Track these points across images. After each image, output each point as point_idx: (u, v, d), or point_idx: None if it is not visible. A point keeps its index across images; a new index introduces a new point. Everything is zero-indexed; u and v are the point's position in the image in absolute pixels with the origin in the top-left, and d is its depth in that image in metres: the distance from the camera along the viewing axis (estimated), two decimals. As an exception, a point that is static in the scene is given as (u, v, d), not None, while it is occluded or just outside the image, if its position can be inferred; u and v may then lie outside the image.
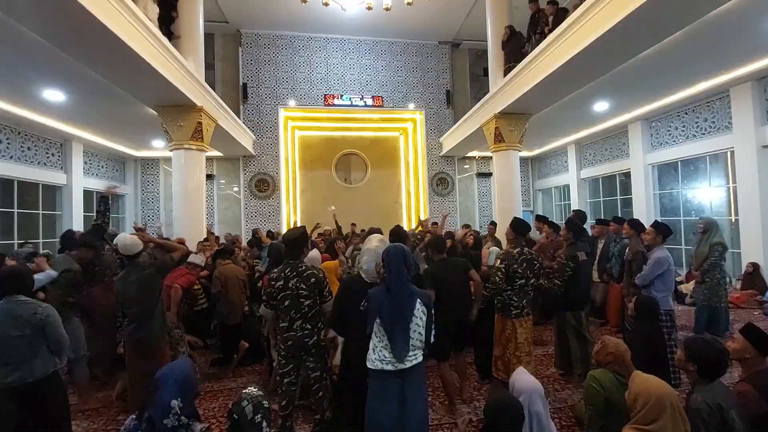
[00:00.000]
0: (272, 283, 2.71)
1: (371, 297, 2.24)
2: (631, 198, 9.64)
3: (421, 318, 2.22)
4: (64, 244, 4.23)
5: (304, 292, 2.65)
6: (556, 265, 3.96)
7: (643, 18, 4.20)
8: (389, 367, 2.15)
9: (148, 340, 3.08)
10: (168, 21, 6.45)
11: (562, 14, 6.26)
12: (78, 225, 8.97)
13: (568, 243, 4.06)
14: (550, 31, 6.11)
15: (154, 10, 5.78)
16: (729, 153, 7.45)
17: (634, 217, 7.16)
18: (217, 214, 11.50)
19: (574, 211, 4.88)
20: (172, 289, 3.86)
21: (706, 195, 8.23)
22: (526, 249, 3.61)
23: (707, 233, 5.13)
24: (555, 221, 5.87)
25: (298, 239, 2.83)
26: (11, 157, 7.66)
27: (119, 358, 3.71)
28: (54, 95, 6.41)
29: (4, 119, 7.30)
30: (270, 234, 8.30)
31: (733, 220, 7.45)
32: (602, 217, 6.97)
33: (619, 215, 9.80)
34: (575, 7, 5.34)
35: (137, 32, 4.70)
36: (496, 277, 3.45)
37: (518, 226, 3.70)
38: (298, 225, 9.22)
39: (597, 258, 5.54)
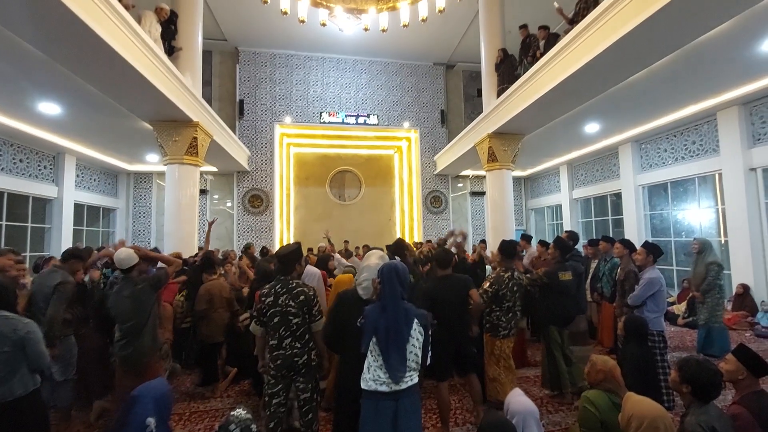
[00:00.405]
0: (262, 299, 2.66)
1: (367, 315, 2.20)
2: (622, 218, 9.74)
3: (417, 339, 2.17)
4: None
5: (292, 309, 2.60)
6: (534, 276, 4.06)
7: (631, 44, 4.34)
8: (383, 388, 2.09)
9: (137, 356, 3.03)
10: (170, 37, 6.53)
11: (553, 39, 6.44)
12: (67, 238, 8.85)
13: (555, 261, 4.10)
14: (542, 54, 6.26)
15: (158, 28, 5.87)
16: (717, 175, 7.59)
17: (626, 237, 7.21)
18: (210, 230, 11.40)
19: (566, 231, 4.95)
20: (162, 308, 3.78)
21: (695, 216, 8.34)
22: (516, 274, 3.64)
23: (702, 253, 5.20)
24: (547, 241, 5.90)
25: (292, 255, 2.80)
26: (2, 169, 7.59)
27: (104, 377, 3.62)
28: (49, 108, 6.40)
29: (-3, 131, 7.27)
30: (263, 251, 8.22)
31: (723, 242, 7.53)
32: (594, 237, 7.01)
33: (611, 235, 9.90)
34: (566, 32, 5.50)
35: (136, 48, 4.74)
36: (481, 299, 3.44)
37: (505, 249, 3.72)
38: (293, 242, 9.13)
39: (590, 278, 5.55)
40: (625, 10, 4.16)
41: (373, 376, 2.12)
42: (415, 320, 2.19)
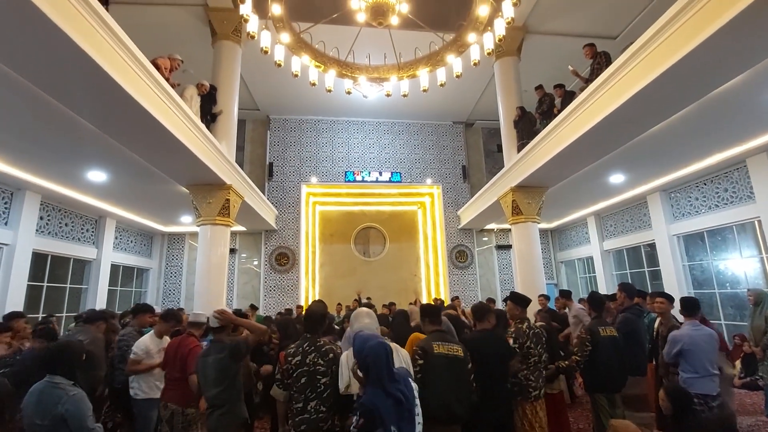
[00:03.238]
0: (289, 359, 2.62)
1: (372, 405, 1.97)
2: (659, 270, 9.29)
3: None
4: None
5: (321, 368, 2.56)
6: (577, 340, 3.83)
7: (649, 98, 4.42)
8: None
9: (222, 428, 2.83)
10: (211, 107, 7.18)
11: (569, 97, 6.63)
12: (102, 299, 9.15)
13: (593, 317, 3.94)
14: (559, 111, 6.43)
15: (198, 101, 6.48)
16: (756, 222, 7.27)
17: (665, 290, 6.84)
18: (237, 288, 11.56)
19: (620, 284, 4.71)
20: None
21: (739, 266, 7.88)
22: (531, 323, 3.57)
23: (760, 305, 4.86)
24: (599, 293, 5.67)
25: (318, 314, 2.81)
26: (49, 233, 8.09)
27: None
28: (97, 176, 6.93)
29: (49, 198, 7.85)
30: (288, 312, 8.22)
31: (773, 293, 7.02)
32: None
33: (648, 288, 9.39)
34: (581, 89, 5.67)
35: (182, 123, 5.21)
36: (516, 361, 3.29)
37: (520, 300, 3.64)
38: (318, 299, 9.18)
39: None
40: (640, 65, 4.29)
41: None
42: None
